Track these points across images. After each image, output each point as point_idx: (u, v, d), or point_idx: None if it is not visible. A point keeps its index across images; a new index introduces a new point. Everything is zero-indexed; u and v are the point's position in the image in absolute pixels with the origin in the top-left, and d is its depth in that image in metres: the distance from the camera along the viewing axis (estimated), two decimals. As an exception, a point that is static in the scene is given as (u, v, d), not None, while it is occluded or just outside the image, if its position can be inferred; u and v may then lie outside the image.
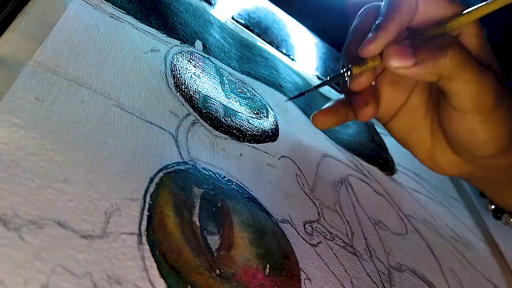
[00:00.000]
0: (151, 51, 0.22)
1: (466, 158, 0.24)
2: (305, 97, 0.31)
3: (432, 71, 0.19)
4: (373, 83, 0.24)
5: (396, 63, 0.19)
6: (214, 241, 0.16)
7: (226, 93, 0.24)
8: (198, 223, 0.16)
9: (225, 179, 0.19)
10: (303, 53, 0.37)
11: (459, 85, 0.20)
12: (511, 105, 0.21)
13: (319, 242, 0.20)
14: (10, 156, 0.14)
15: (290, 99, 0.27)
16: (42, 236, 0.12)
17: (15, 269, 0.12)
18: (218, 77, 0.24)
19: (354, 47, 0.22)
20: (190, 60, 0.24)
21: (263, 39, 0.33)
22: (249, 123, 0.23)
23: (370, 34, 0.21)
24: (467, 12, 0.21)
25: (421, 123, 0.24)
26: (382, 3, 0.22)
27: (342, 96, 0.25)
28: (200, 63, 0.24)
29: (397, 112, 0.25)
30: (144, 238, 0.14)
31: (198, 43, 0.26)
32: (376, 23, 0.21)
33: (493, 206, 0.32)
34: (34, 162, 0.14)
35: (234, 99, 0.24)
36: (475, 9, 0.21)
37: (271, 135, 0.24)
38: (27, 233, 0.12)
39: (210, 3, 0.31)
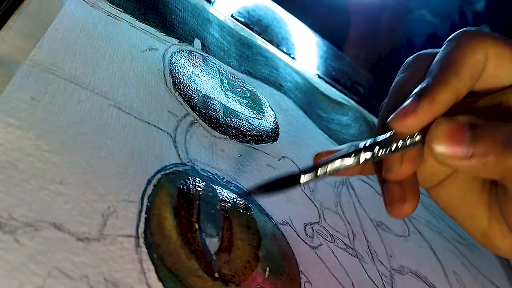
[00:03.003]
0: (149, 50, 0.22)
1: None
2: (306, 95, 0.31)
3: (494, 170, 0.14)
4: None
5: (444, 149, 0.13)
6: (213, 243, 0.16)
7: (226, 93, 0.24)
8: (196, 225, 0.16)
9: (224, 180, 0.19)
10: (304, 52, 0.37)
11: None
12: None
13: (320, 244, 0.20)
14: (6, 157, 0.13)
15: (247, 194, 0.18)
16: (38, 238, 0.12)
17: (10, 272, 0.11)
18: (217, 76, 0.24)
19: (392, 107, 0.16)
20: (189, 59, 0.23)
21: (263, 38, 0.32)
22: (249, 123, 0.23)
23: (409, 100, 0.14)
24: None
25: (476, 197, 0.17)
26: (436, 55, 0.16)
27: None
28: (199, 62, 0.24)
29: (445, 179, 0.17)
30: (141, 241, 0.14)
31: (197, 42, 0.25)
32: (422, 85, 0.15)
33: None
34: (30, 163, 0.14)
35: (234, 99, 0.24)
36: None
37: (271, 135, 0.24)
38: (22, 235, 0.12)
39: (209, 1, 0.30)
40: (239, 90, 0.25)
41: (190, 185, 0.17)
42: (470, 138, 0.14)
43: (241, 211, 0.18)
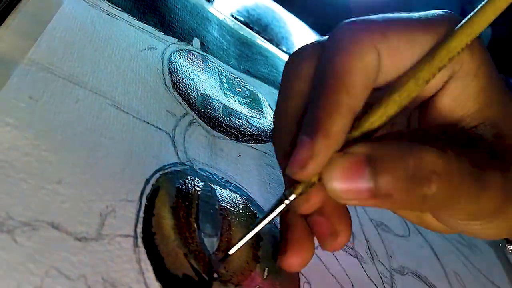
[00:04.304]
0: (147, 49, 0.22)
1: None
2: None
3: (402, 206, 0.12)
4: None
5: (343, 190, 0.12)
6: (211, 243, 0.16)
7: (225, 92, 0.24)
8: (195, 225, 0.16)
9: (223, 180, 0.19)
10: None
11: (447, 213, 0.13)
12: None
13: (319, 245, 0.20)
14: (3, 157, 0.13)
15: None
16: (35, 238, 0.12)
17: (8, 271, 0.11)
18: (216, 76, 0.24)
19: (285, 138, 0.14)
20: (188, 58, 0.23)
21: (263, 37, 0.32)
22: (248, 122, 0.23)
23: (300, 141, 0.12)
24: (461, 27, 0.12)
25: None
26: (317, 62, 0.13)
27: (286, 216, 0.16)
28: (198, 61, 0.24)
29: None
30: (140, 241, 0.14)
31: (196, 41, 0.25)
32: (309, 115, 0.12)
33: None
34: (28, 162, 0.14)
35: (233, 98, 0.24)
36: (475, 16, 0.12)
37: (271, 135, 0.24)
38: (20, 235, 0.12)
39: (209, 0, 0.30)
40: (239, 89, 0.25)
41: (189, 185, 0.17)
42: (369, 175, 0.11)
43: (240, 211, 0.18)
